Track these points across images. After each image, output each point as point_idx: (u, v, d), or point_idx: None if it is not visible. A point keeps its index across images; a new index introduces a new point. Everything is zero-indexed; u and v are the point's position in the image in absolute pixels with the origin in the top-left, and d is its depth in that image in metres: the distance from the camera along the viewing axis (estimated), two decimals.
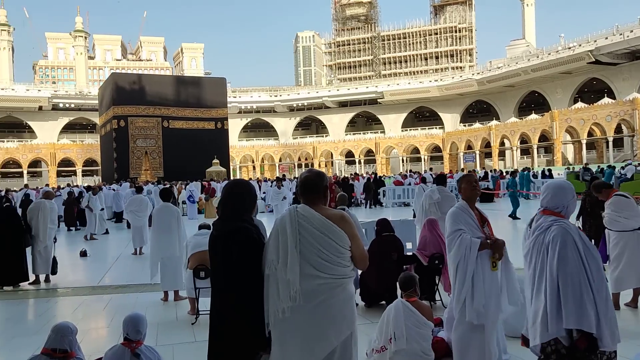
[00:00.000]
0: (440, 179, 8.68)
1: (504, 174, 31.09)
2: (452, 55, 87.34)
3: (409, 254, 6.97)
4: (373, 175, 28.80)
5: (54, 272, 9.36)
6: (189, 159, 36.62)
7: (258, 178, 42.41)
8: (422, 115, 75.19)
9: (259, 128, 77.18)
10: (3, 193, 21.14)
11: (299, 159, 70.20)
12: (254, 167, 69.80)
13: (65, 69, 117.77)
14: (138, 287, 8.60)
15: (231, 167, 49.77)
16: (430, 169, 38.50)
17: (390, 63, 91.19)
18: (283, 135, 74.17)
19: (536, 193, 25.80)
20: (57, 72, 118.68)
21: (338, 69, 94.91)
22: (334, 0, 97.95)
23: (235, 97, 70.96)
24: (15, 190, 28.34)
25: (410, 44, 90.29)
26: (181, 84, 44.36)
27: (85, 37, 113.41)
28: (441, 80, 68.43)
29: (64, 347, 3.42)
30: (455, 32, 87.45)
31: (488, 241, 3.79)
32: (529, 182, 26.29)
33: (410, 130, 70.30)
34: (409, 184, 25.40)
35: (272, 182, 26.08)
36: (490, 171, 34.99)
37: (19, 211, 11.17)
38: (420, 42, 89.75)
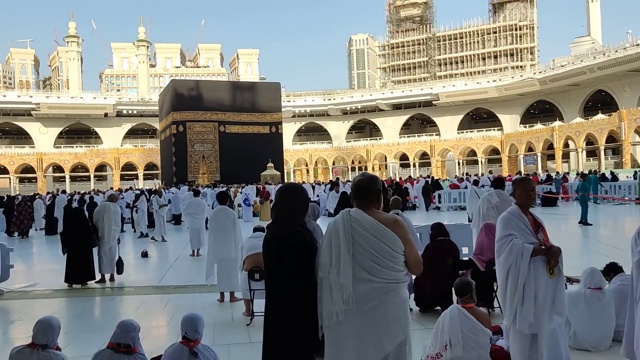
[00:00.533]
0: (498, 182, 8.45)
1: (569, 176, 29.88)
2: (511, 54, 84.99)
3: (465, 259, 6.82)
4: (429, 179, 28.40)
5: (119, 271, 9.80)
6: (244, 163, 37.31)
7: (310, 181, 42.71)
8: (479, 116, 73.49)
9: (312, 132, 77.68)
10: (76, 196, 22.28)
11: (353, 162, 70.11)
12: (307, 171, 70.29)
13: (128, 77, 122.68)
14: (195, 287, 8.83)
15: (285, 171, 50.33)
16: (490, 172, 37.55)
17: (446, 64, 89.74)
18: (336, 138, 74.30)
19: (607, 197, 24.64)
20: (121, 80, 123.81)
21: (392, 71, 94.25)
22: (388, 3, 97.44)
23: (289, 101, 71.76)
24: (99, 192, 29.69)
25: (467, 44, 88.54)
26: (237, 90, 45.30)
27: (147, 46, 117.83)
28: (500, 80, 66.64)
29: (128, 342, 3.58)
30: (516, 30, 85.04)
31: (542, 247, 3.64)
32: (597, 186, 25.09)
33: (466, 132, 68.87)
34: (465, 187, 24.86)
35: (325, 186, 26.16)
36: (556, 174, 33.68)
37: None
38: (477, 42, 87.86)
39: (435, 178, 33.14)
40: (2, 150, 64.35)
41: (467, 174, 42.43)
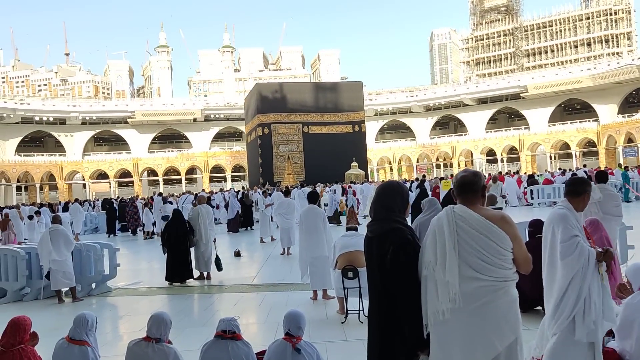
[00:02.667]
0: (601, 176, 7.94)
1: None
2: (606, 41, 79.65)
3: None
4: (517, 174, 27.37)
5: (219, 269, 10.28)
6: (328, 163, 37.61)
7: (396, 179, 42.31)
8: (572, 107, 69.40)
9: (395, 129, 76.89)
10: (171, 199, 23.51)
11: (437, 159, 68.65)
12: (391, 169, 69.68)
13: (215, 83, 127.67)
14: (288, 286, 9.04)
15: (369, 170, 50.20)
16: (584, 166, 35.41)
17: (534, 54, 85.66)
18: (420, 135, 73.05)
19: None
20: (208, 85, 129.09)
21: (476, 65, 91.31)
22: None
23: (371, 99, 71.47)
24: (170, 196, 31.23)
25: (557, 32, 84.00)
26: (319, 90, 45.76)
27: (232, 52, 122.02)
28: (594, 68, 62.53)
29: (232, 329, 3.79)
30: (611, 14, 79.57)
31: (600, 250, 3.42)
32: None
33: (558, 124, 65.25)
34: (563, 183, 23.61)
35: (410, 183, 25.85)
36: None
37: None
38: (569, 29, 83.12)
39: (531, 173, 32.10)
40: (102, 156, 69.14)
41: (560, 168, 40.18)
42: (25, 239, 18.00)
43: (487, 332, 2.69)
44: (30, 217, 18.86)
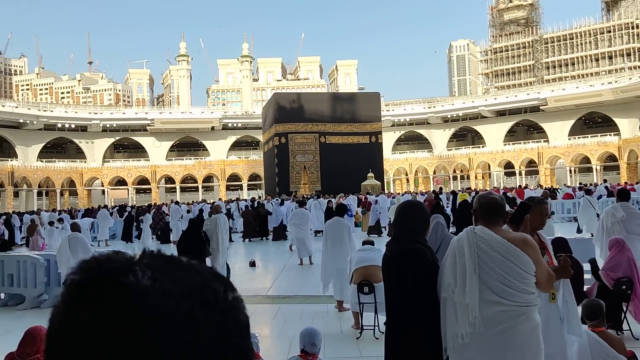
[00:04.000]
0: (623, 194, 7.79)
1: None
2: (628, 54, 78.64)
3: (588, 277, 6.34)
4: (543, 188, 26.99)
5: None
6: (344, 173, 37.58)
7: (412, 191, 42.09)
8: (593, 121, 68.57)
9: (412, 140, 76.64)
10: (196, 207, 23.66)
11: (454, 171, 68.18)
12: (407, 180, 69.35)
13: (233, 92, 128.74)
14: (304, 298, 8.98)
15: (385, 181, 50.04)
16: (605, 181, 34.89)
17: (554, 67, 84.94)
18: (437, 147, 72.72)
19: None
20: (226, 94, 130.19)
21: (495, 77, 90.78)
22: (490, 6, 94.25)
23: (388, 110, 71.38)
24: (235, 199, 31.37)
25: (577, 45, 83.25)
26: (337, 101, 45.86)
27: (251, 62, 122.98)
28: (616, 82, 61.73)
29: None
30: (633, 28, 78.64)
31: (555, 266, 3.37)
32: None
33: (578, 138, 64.49)
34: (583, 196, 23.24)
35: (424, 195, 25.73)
36: None
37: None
38: (589, 42, 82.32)
39: (549, 187, 31.66)
40: (121, 163, 69.94)
41: (580, 183, 39.65)
42: (44, 244, 18.24)
43: (507, 358, 2.63)
44: (51, 224, 19.07)
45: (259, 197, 33.79)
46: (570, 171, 61.32)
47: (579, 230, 17.50)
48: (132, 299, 0.55)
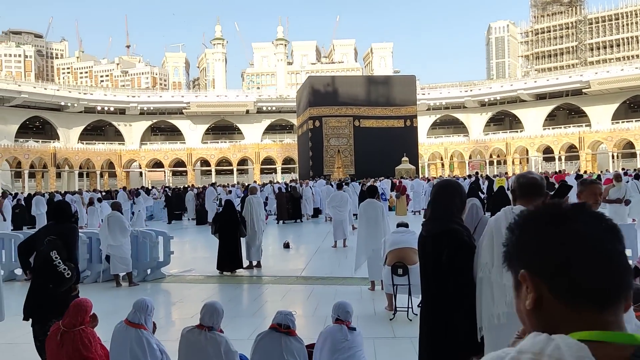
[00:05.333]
0: None
1: None
2: None
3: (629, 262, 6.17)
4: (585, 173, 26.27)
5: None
6: (379, 157, 37.36)
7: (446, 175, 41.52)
8: (638, 105, 66.17)
9: (448, 125, 75.54)
10: (230, 188, 23.98)
11: (490, 156, 66.96)
12: (442, 165, 68.52)
13: (268, 75, 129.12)
14: (337, 279, 9.04)
15: (420, 165, 49.55)
16: None
17: (598, 48, 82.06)
18: (473, 131, 71.51)
19: None
20: (261, 78, 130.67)
21: (535, 59, 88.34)
22: None
23: (424, 94, 70.42)
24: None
25: (623, 26, 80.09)
26: (372, 84, 45.46)
27: (285, 45, 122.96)
28: None
29: (288, 323, 3.85)
30: None
31: None
32: None
33: (622, 122, 62.33)
34: (627, 182, 22.51)
35: (462, 180, 25.35)
36: None
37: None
38: (636, 23, 79.09)
39: (597, 173, 30.82)
40: (158, 146, 71.31)
41: (623, 168, 38.38)
42: (85, 224, 18.85)
43: None
44: (90, 203, 19.64)
45: (291, 181, 33.91)
46: (613, 157, 59.43)
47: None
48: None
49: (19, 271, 10.46)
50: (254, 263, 10.43)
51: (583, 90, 63.48)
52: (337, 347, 3.76)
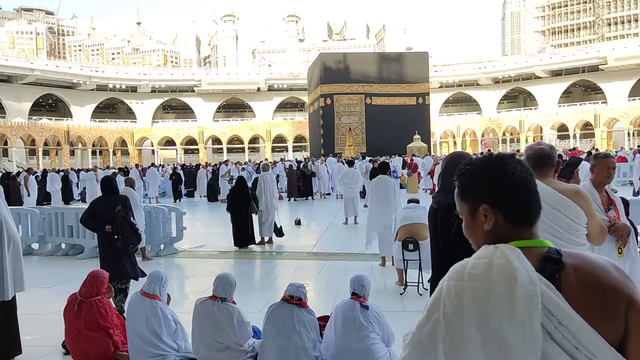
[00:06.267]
0: None
1: None
2: None
3: None
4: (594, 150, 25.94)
5: (280, 234, 10.61)
6: (390, 135, 37.20)
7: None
8: None
9: (460, 102, 74.80)
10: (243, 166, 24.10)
11: (504, 134, 66.35)
12: (454, 143, 68.06)
13: (278, 53, 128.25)
14: (348, 255, 9.11)
15: (432, 143, 49.27)
16: None
17: (616, 23, 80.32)
18: (486, 108, 70.74)
19: None
20: (272, 55, 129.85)
21: (552, 34, 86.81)
22: None
23: (436, 71, 69.65)
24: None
25: None
26: (383, 61, 45.00)
27: (296, 22, 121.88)
28: None
29: (299, 295, 3.90)
30: None
31: (606, 225, 3.36)
32: None
33: (639, 99, 61.31)
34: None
35: None
36: None
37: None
38: None
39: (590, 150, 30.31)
40: (170, 123, 71.53)
41: (638, 146, 37.90)
42: None
43: None
44: None
45: (305, 159, 33.94)
46: (629, 134, 58.63)
47: (635, 193, 16.92)
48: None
49: (35, 245, 10.69)
50: (266, 239, 10.54)
51: (600, 67, 62.42)
52: (347, 324, 3.79)
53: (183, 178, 24.07)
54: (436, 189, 3.45)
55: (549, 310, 1.11)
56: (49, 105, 68.67)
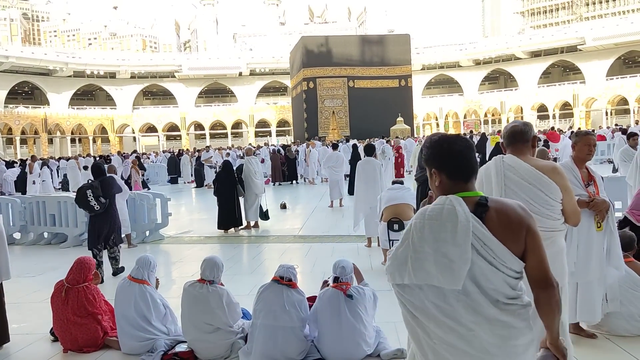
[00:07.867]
0: None
1: None
2: None
3: (618, 214, 6.29)
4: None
5: (266, 218, 10.68)
6: (373, 117, 37.28)
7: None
8: (633, 61, 65.75)
9: (442, 84, 75.03)
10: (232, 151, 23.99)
11: (485, 115, 66.85)
12: (437, 124, 68.40)
13: (260, 37, 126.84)
14: (334, 237, 9.20)
15: (415, 125, 49.45)
16: (637, 123, 33.78)
17: (594, 3, 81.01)
18: (468, 90, 71.08)
19: None
20: (253, 39, 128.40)
21: (531, 15, 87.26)
22: None
23: (418, 53, 69.61)
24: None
25: None
26: (366, 44, 44.85)
27: (277, 5, 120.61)
28: None
29: (289, 276, 3.96)
30: None
31: (585, 200, 3.55)
32: None
33: (617, 79, 62.11)
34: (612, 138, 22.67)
35: None
36: None
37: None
38: None
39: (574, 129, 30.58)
40: (151, 110, 70.66)
41: (616, 124, 38.52)
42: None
43: None
44: (85, 168, 19.66)
45: (292, 143, 33.87)
46: (607, 113, 59.46)
47: (615, 170, 17.20)
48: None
49: (17, 235, 10.59)
50: (252, 223, 10.57)
51: (578, 47, 62.99)
52: (334, 319, 3.79)
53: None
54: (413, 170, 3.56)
55: (477, 236, 1.69)
56: (25, 92, 67.33)
